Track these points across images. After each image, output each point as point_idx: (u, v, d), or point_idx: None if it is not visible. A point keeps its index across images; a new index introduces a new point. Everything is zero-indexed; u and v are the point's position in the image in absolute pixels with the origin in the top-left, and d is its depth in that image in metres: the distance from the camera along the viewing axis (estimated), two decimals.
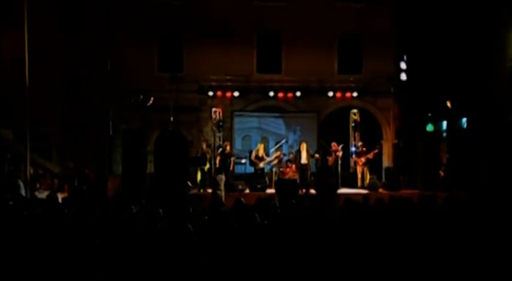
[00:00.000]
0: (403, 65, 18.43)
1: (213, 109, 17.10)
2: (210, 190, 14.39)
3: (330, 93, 18.12)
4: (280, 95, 18.09)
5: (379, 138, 19.24)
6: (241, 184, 15.23)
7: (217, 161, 15.03)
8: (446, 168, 16.57)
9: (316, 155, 15.92)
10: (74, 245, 6.31)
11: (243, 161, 16.63)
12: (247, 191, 15.02)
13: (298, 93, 18.03)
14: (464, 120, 19.23)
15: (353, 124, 17.73)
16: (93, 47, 18.44)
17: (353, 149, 17.15)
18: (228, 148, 15.66)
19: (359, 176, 16.14)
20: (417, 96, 18.39)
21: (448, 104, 17.26)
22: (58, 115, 18.64)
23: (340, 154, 16.10)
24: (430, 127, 18.98)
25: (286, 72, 18.82)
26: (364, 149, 16.29)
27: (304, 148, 15.61)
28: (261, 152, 15.80)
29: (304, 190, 14.81)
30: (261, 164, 15.81)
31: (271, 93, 18.07)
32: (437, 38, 18.18)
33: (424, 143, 17.18)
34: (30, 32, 13.83)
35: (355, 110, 17.91)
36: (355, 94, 18.17)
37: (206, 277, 5.69)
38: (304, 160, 15.52)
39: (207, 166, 15.29)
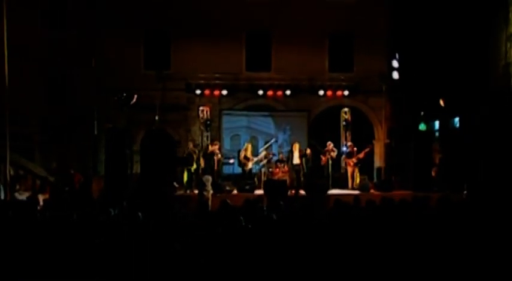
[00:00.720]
0: (395, 64, 18.07)
1: (201, 108, 16.85)
2: (197, 191, 14.04)
3: (321, 92, 17.87)
4: (270, 93, 17.80)
5: (370, 138, 19.00)
6: (228, 184, 14.91)
7: (202, 162, 14.73)
8: (439, 168, 16.34)
9: (308, 151, 15.59)
10: (45, 249, 6.00)
11: (231, 161, 16.29)
12: (235, 192, 14.72)
13: (288, 92, 17.75)
14: (456, 119, 19.07)
15: (344, 123, 17.46)
16: (78, 44, 18.04)
17: (344, 149, 16.88)
18: (210, 147, 15.34)
19: (349, 176, 15.85)
20: (410, 95, 18.19)
21: (441, 102, 17.02)
22: (41, 114, 18.26)
23: (334, 154, 15.83)
24: (422, 126, 18.83)
25: (276, 70, 18.51)
26: (355, 149, 16.03)
27: (296, 148, 15.40)
28: (248, 152, 15.49)
29: (293, 191, 14.51)
30: (250, 164, 15.51)
31: (261, 92, 17.77)
32: (430, 36, 17.99)
33: (417, 143, 16.95)
34: (13, 29, 13.47)
35: (346, 109, 17.65)
36: (346, 93, 17.93)
37: None
38: (296, 160, 15.21)
39: (194, 166, 14.97)
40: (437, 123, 19.81)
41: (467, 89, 18.08)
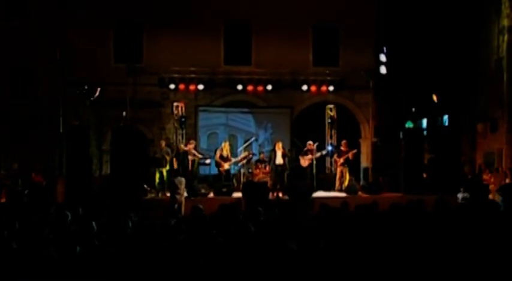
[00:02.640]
0: (382, 58, 17.46)
1: (175, 104, 16.04)
2: (169, 194, 13.01)
3: (304, 87, 17.13)
4: (250, 88, 16.99)
5: (357, 137, 18.22)
6: (204, 187, 13.87)
7: (174, 162, 13.75)
8: (430, 169, 15.62)
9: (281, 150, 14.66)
10: None
11: (208, 161, 15.26)
12: (211, 195, 13.71)
13: (269, 87, 16.96)
14: (446, 117, 18.59)
15: (329, 121, 16.67)
16: (41, 34, 17.12)
17: (329, 148, 16.03)
18: (183, 146, 14.39)
19: (338, 177, 14.95)
20: (398, 92, 17.51)
21: (434, 97, 16.33)
22: (2, 110, 17.27)
23: (318, 154, 14.91)
24: (409, 124, 18.35)
25: (256, 63, 17.77)
26: (346, 148, 15.15)
27: (279, 147, 14.49)
28: (226, 152, 14.50)
29: (275, 194, 13.55)
30: (226, 165, 14.51)
31: (240, 87, 16.94)
32: (420, 29, 17.58)
33: (406, 142, 16.25)
34: None
35: (331, 106, 16.85)
36: (331, 88, 17.14)
37: None
38: (279, 160, 14.35)
39: (167, 167, 13.96)
40: (425, 121, 19.31)
41: (457, 84, 17.61)
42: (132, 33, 17.76)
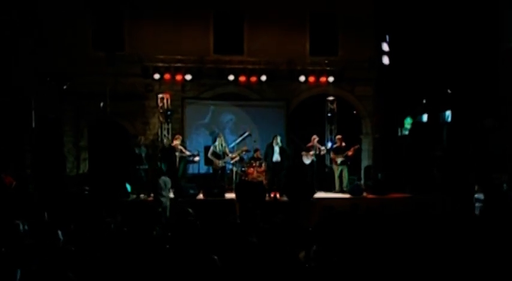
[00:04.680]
0: (385, 47, 16.89)
1: (160, 95, 15.29)
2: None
3: (302, 78, 16.28)
4: (242, 79, 16.06)
5: (358, 132, 17.47)
6: (193, 187, 12.97)
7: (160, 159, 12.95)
8: (438, 167, 14.96)
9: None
10: None
11: (196, 159, 14.39)
12: (201, 196, 12.83)
13: (263, 78, 16.06)
14: (448, 112, 18.07)
15: (329, 114, 15.96)
16: (12, 20, 15.85)
17: (329, 144, 15.28)
18: (173, 141, 13.57)
19: (337, 176, 14.17)
20: (400, 84, 16.89)
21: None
22: None
23: (323, 151, 14.35)
24: (408, 120, 17.89)
25: (249, 52, 16.79)
26: (344, 144, 14.37)
27: (277, 143, 13.95)
28: (219, 148, 13.70)
29: (272, 195, 12.68)
30: (220, 163, 13.67)
31: (231, 77, 16.02)
32: (424, 16, 16.87)
33: (411, 139, 15.62)
34: None
35: (331, 98, 16.14)
36: (331, 79, 16.36)
37: None
38: (276, 157, 13.77)
39: (146, 165, 13.17)
40: (425, 117, 18.75)
41: (463, 77, 17.02)
42: (112, 17, 16.66)
